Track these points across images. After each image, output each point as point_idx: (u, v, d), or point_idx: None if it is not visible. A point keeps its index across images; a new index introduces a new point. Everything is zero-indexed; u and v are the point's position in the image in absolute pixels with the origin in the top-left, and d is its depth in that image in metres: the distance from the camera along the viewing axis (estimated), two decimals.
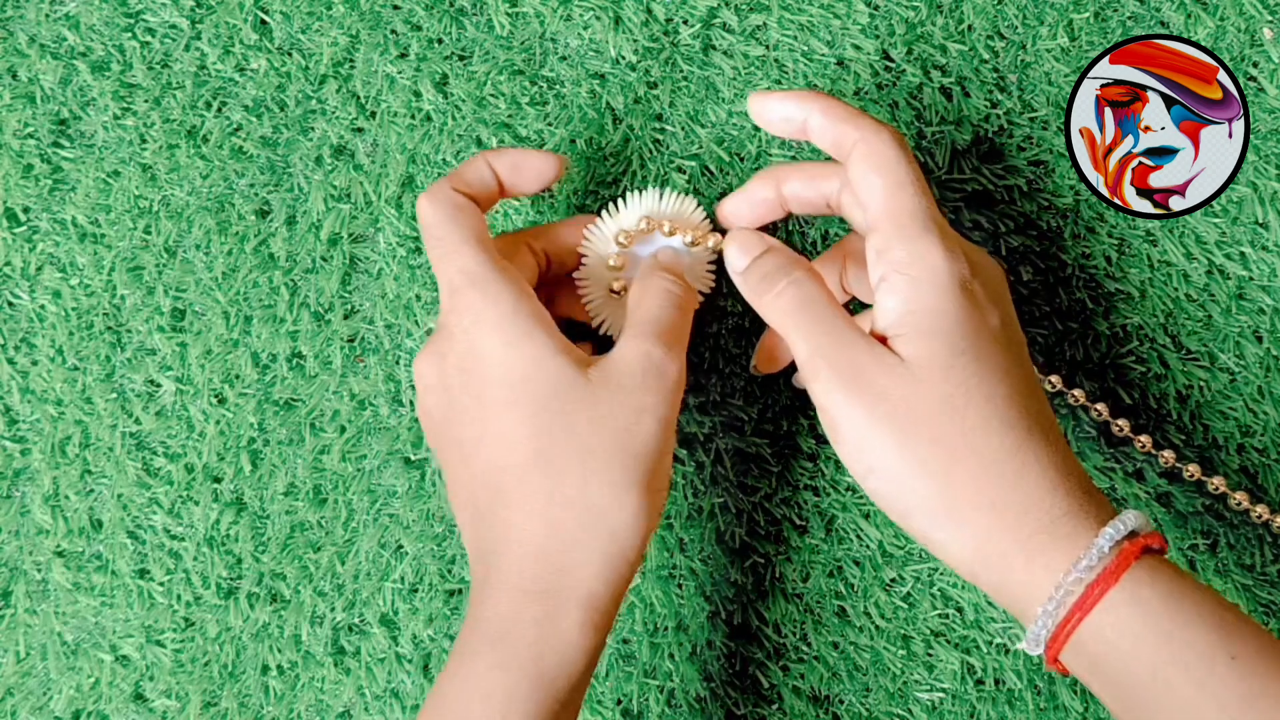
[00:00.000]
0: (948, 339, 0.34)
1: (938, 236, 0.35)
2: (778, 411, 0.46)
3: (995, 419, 0.34)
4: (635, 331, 0.38)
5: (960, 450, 0.33)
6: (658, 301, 0.39)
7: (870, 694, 0.46)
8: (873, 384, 0.34)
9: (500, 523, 0.36)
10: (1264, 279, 0.45)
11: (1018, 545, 0.33)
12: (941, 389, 0.34)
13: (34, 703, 0.49)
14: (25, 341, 0.50)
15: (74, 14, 0.50)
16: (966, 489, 0.33)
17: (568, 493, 0.36)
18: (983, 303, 0.35)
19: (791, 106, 0.38)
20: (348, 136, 0.48)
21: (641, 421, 0.36)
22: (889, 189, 0.36)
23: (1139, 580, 0.32)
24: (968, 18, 0.46)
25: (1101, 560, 0.32)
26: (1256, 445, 0.45)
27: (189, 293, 0.49)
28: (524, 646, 0.35)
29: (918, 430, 0.34)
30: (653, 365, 0.37)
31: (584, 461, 0.36)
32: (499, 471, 0.37)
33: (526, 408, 0.36)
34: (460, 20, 0.48)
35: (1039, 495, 0.33)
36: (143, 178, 0.49)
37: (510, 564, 0.36)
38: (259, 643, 0.48)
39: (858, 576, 0.46)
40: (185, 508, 0.48)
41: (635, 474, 0.36)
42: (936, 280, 0.35)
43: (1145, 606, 0.32)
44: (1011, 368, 0.35)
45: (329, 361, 0.48)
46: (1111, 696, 0.33)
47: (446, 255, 0.38)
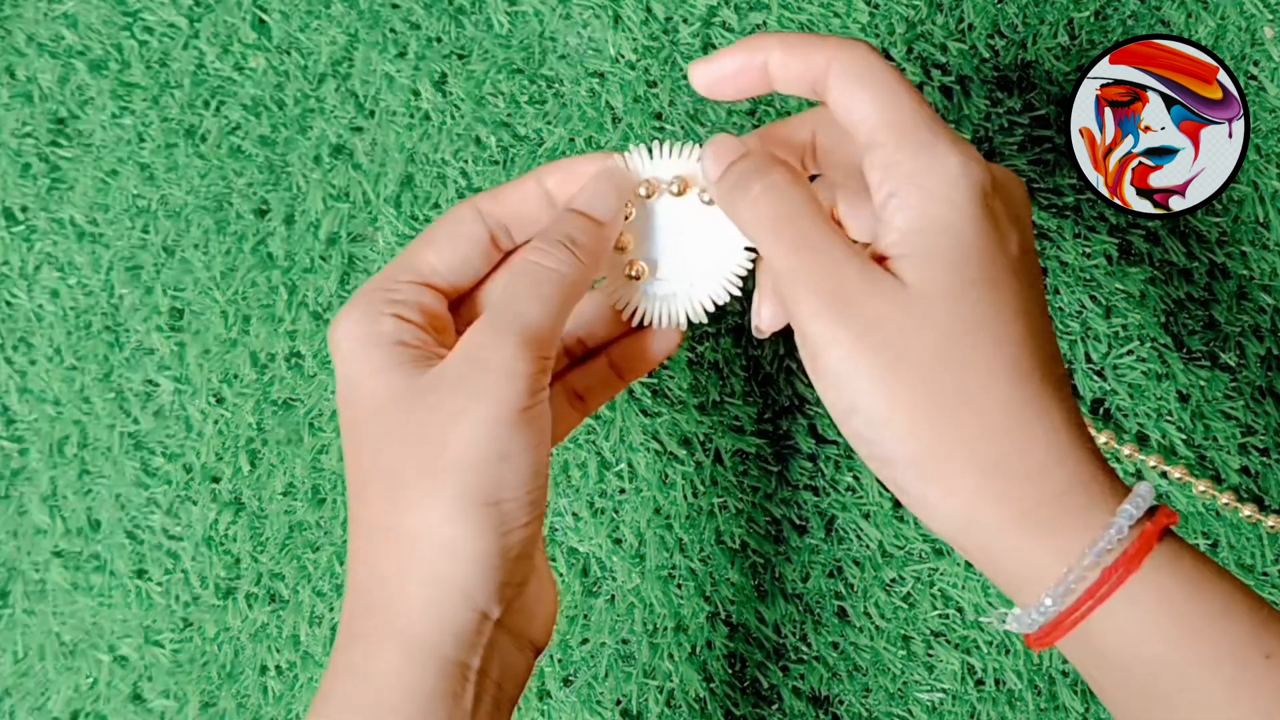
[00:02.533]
0: (959, 264, 0.29)
1: (950, 142, 0.30)
2: (777, 411, 0.46)
3: (1004, 366, 0.29)
4: (479, 320, 0.32)
5: (958, 398, 0.29)
6: (515, 279, 0.33)
7: (870, 694, 0.45)
8: (863, 310, 0.29)
9: (348, 563, 0.34)
10: (1264, 278, 0.45)
11: (1016, 517, 0.29)
12: (945, 323, 0.29)
13: (32, 703, 0.48)
14: (23, 341, 0.50)
15: (72, 12, 0.50)
16: (961, 444, 0.29)
17: (380, 522, 0.32)
18: (1003, 224, 0.30)
19: (742, 55, 0.32)
20: (346, 135, 0.48)
21: (457, 427, 0.31)
22: (880, 99, 0.30)
23: (1160, 566, 0.28)
24: (968, 17, 0.46)
25: (1121, 542, 0.28)
26: (1257, 445, 0.45)
27: (187, 292, 0.49)
28: (338, 696, 0.32)
29: (912, 369, 0.29)
30: (474, 358, 0.32)
31: (390, 485, 0.32)
32: (348, 505, 0.34)
33: (350, 434, 0.33)
34: (459, 19, 0.48)
35: (1047, 461, 0.29)
36: (141, 177, 0.49)
37: (346, 608, 0.33)
38: (257, 643, 0.48)
39: (858, 576, 0.46)
40: (183, 507, 0.48)
41: (451, 489, 0.31)
42: (953, 192, 0.29)
43: (1168, 598, 0.28)
44: (1029, 307, 0.30)
45: (328, 361, 0.48)
46: (1117, 689, 0.29)
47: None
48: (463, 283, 0.35)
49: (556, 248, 0.33)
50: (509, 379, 0.31)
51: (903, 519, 0.46)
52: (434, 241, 0.35)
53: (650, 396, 0.46)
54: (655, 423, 0.46)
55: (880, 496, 0.45)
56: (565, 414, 0.38)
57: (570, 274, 0.33)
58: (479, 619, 0.31)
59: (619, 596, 0.46)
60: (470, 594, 0.31)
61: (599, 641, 0.46)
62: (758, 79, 0.32)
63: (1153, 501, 0.29)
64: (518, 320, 0.32)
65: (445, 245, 0.35)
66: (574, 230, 0.34)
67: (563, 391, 0.38)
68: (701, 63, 0.33)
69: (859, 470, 0.46)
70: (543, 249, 0.33)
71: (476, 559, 0.31)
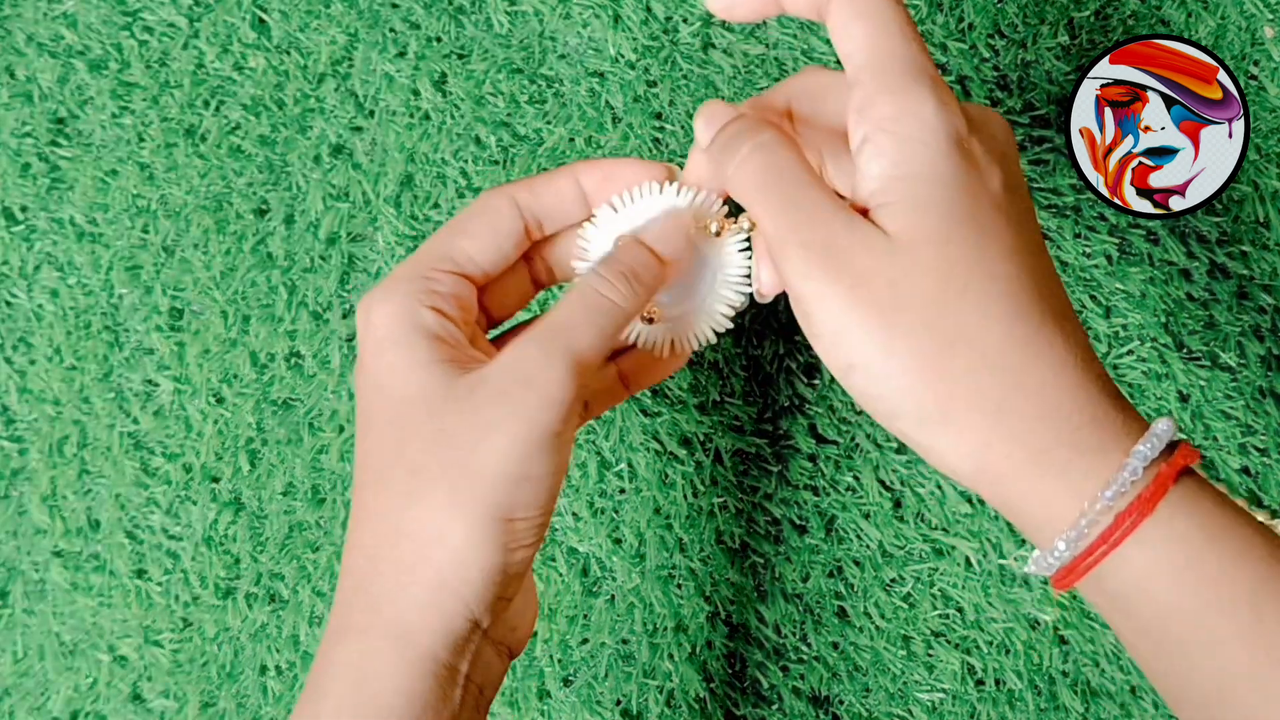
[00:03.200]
0: (942, 208, 0.29)
1: (929, 88, 0.29)
2: (778, 411, 0.46)
3: (1000, 303, 0.28)
4: (529, 334, 0.32)
5: (957, 340, 0.28)
6: (574, 303, 0.33)
7: (870, 694, 0.45)
8: (851, 264, 0.29)
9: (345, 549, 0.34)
10: (1264, 278, 0.45)
11: (1030, 458, 0.28)
12: (933, 268, 0.28)
13: (31, 703, 0.48)
14: (23, 341, 0.49)
15: (72, 12, 0.50)
16: (965, 387, 0.28)
17: (391, 516, 0.32)
18: (982, 164, 0.29)
19: None
20: (346, 135, 0.48)
21: (490, 438, 0.31)
22: (871, 35, 0.30)
23: (1176, 509, 0.27)
24: (968, 16, 0.46)
25: (1135, 484, 0.28)
26: (1258, 445, 0.45)
27: (187, 292, 0.49)
28: (332, 695, 0.31)
29: (906, 317, 0.28)
30: (520, 373, 0.31)
31: (409, 481, 0.31)
32: (354, 491, 0.34)
33: (373, 420, 0.33)
34: (459, 19, 0.48)
35: (1056, 398, 0.28)
36: (140, 176, 0.49)
37: (339, 596, 0.33)
38: (257, 643, 0.48)
39: (858, 576, 0.46)
40: (183, 507, 0.48)
41: (471, 497, 0.31)
42: (929, 138, 0.29)
43: (1183, 542, 0.27)
44: (1019, 243, 0.29)
45: (327, 361, 0.48)
46: (1134, 633, 0.29)
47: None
48: (494, 272, 0.35)
49: (621, 281, 0.33)
50: (551, 402, 0.31)
51: (903, 519, 0.46)
52: (471, 232, 0.35)
53: (650, 396, 0.46)
54: (655, 423, 0.46)
55: (880, 496, 0.45)
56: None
57: (626, 308, 0.33)
58: (471, 627, 0.31)
59: (619, 596, 0.46)
60: (469, 604, 0.31)
61: (599, 641, 0.46)
62: (768, 2, 0.32)
63: (1172, 437, 0.28)
64: (572, 345, 0.32)
65: (481, 235, 0.35)
66: (640, 266, 0.34)
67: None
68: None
69: (859, 470, 0.46)
70: (609, 280, 0.33)
71: (482, 572, 0.31)
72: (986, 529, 0.45)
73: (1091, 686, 0.45)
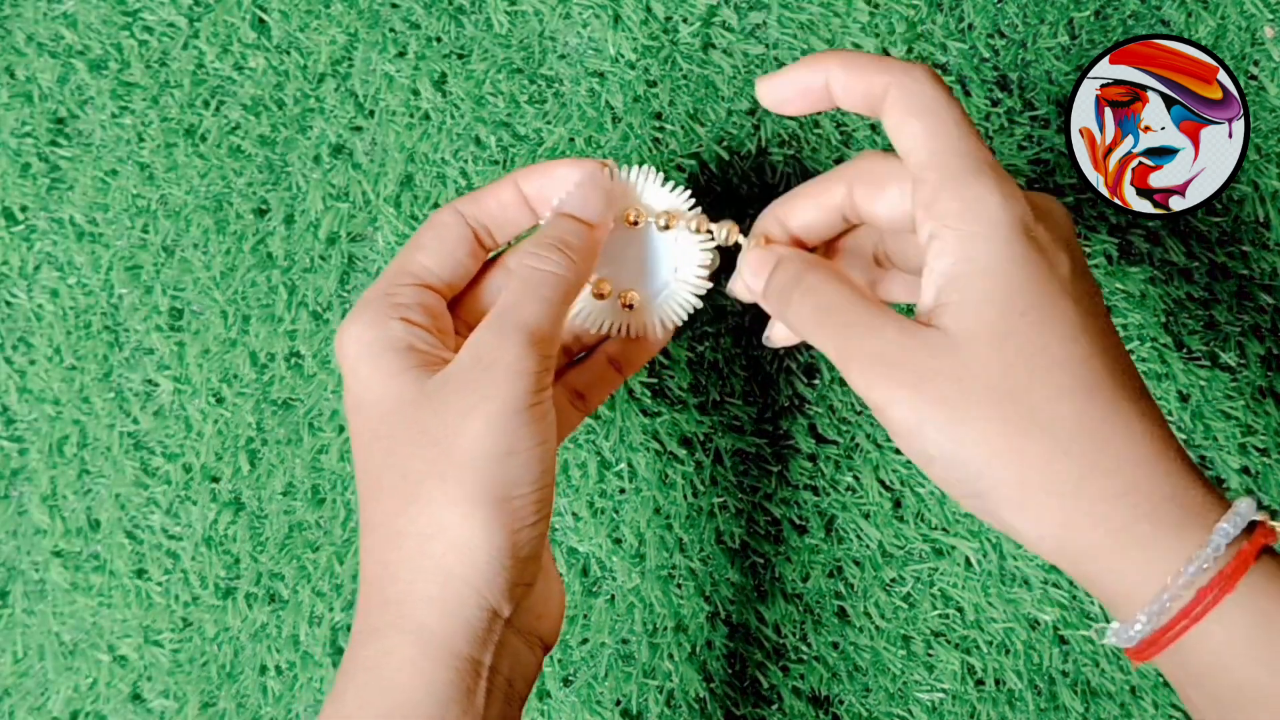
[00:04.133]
0: (1006, 301, 0.30)
1: (992, 179, 0.31)
2: (777, 411, 0.46)
3: (1071, 387, 0.29)
4: (483, 323, 0.34)
5: (1030, 427, 0.29)
6: (515, 284, 0.35)
7: (870, 694, 0.45)
8: (912, 365, 0.30)
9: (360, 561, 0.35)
10: (1264, 278, 0.45)
11: (1109, 536, 0.29)
12: (999, 359, 0.29)
13: (31, 703, 0.48)
14: (23, 341, 0.49)
15: (72, 12, 0.50)
16: (1040, 472, 0.29)
17: (392, 522, 0.33)
18: (1049, 249, 0.30)
19: (804, 74, 0.33)
20: (346, 135, 0.48)
21: (465, 425, 0.32)
22: (930, 131, 0.31)
23: (1255, 587, 0.28)
24: (968, 16, 0.46)
25: (1217, 561, 0.28)
26: (1258, 445, 0.45)
27: (187, 292, 0.49)
28: (352, 692, 0.32)
29: (975, 410, 0.29)
30: (479, 358, 0.33)
31: (401, 486, 0.33)
32: (359, 508, 0.35)
33: (360, 438, 0.34)
34: (459, 19, 0.48)
35: (1134, 475, 0.29)
36: (140, 176, 0.49)
37: (359, 605, 0.34)
38: (257, 643, 0.48)
39: (858, 576, 0.46)
40: (183, 507, 0.48)
41: (460, 484, 0.32)
42: (994, 231, 0.30)
43: (1263, 619, 0.28)
44: (1088, 324, 0.30)
45: (327, 361, 0.48)
46: (1207, 705, 0.29)
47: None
48: (456, 280, 0.37)
49: (550, 250, 0.35)
50: (515, 376, 0.32)
51: (903, 519, 0.46)
52: (422, 245, 0.37)
53: (650, 396, 0.46)
54: (655, 423, 0.46)
55: (880, 496, 0.45)
56: (567, 413, 0.40)
57: (565, 274, 0.35)
58: (490, 616, 0.32)
59: (619, 596, 0.46)
60: (481, 591, 0.32)
61: (599, 641, 0.46)
62: (821, 97, 0.33)
63: (1253, 516, 0.29)
64: (520, 321, 0.33)
65: (433, 247, 0.36)
66: (565, 233, 0.36)
67: (563, 391, 0.40)
68: (768, 81, 0.34)
69: (859, 470, 0.46)
70: (538, 253, 0.35)
71: (488, 556, 0.32)
72: (986, 529, 0.45)
73: (1091, 686, 0.45)
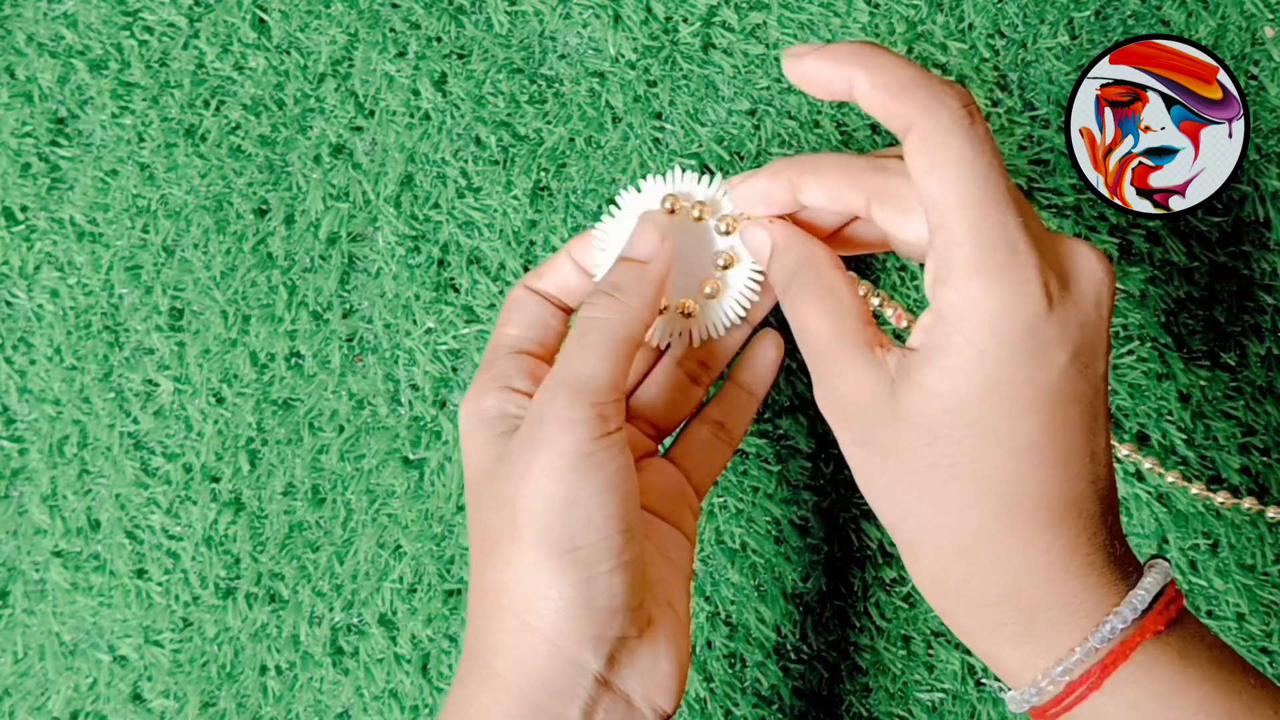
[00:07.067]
0: (964, 401, 0.29)
1: (1001, 275, 0.29)
2: (777, 411, 0.46)
3: (983, 499, 0.30)
4: (541, 384, 0.35)
5: (934, 522, 0.31)
6: (568, 338, 0.36)
7: (870, 694, 0.45)
8: (860, 423, 0.32)
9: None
10: (1265, 278, 0.45)
11: (986, 633, 0.31)
12: (930, 454, 0.30)
13: (31, 703, 0.48)
14: (23, 341, 0.49)
15: (72, 12, 0.50)
16: (932, 563, 0.31)
17: (478, 581, 0.34)
18: (1046, 350, 0.29)
19: (828, 69, 0.31)
20: (346, 135, 0.48)
21: (525, 482, 0.33)
22: (947, 202, 0.29)
23: (1129, 679, 0.29)
24: (968, 16, 0.46)
25: (1095, 653, 0.29)
26: (1258, 445, 0.45)
27: (187, 292, 0.49)
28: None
29: (896, 486, 0.31)
30: (535, 416, 0.33)
31: (483, 546, 0.34)
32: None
33: (468, 503, 0.36)
34: (459, 18, 0.48)
35: (1018, 585, 0.30)
36: (141, 176, 0.49)
37: (461, 661, 0.36)
38: (257, 643, 0.48)
39: (858, 576, 0.46)
40: (183, 507, 0.48)
41: (526, 536, 0.32)
42: (983, 333, 0.29)
43: (1135, 709, 0.29)
44: (1040, 437, 0.29)
45: (327, 361, 0.48)
46: None
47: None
48: (549, 341, 0.38)
49: (600, 297, 0.35)
50: (564, 428, 0.32)
51: None
52: (506, 320, 0.38)
53: None
54: None
55: None
56: (712, 446, 0.40)
57: (615, 318, 0.34)
58: (569, 667, 0.32)
59: None
60: (552, 640, 0.32)
61: None
62: (843, 92, 0.32)
63: (1139, 610, 0.30)
64: (566, 374, 0.34)
65: (515, 318, 0.38)
66: (617, 276, 0.35)
67: (703, 424, 0.40)
68: (796, 59, 0.32)
69: None
70: (589, 302, 0.35)
71: (555, 606, 0.32)
72: None
73: None
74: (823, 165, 0.34)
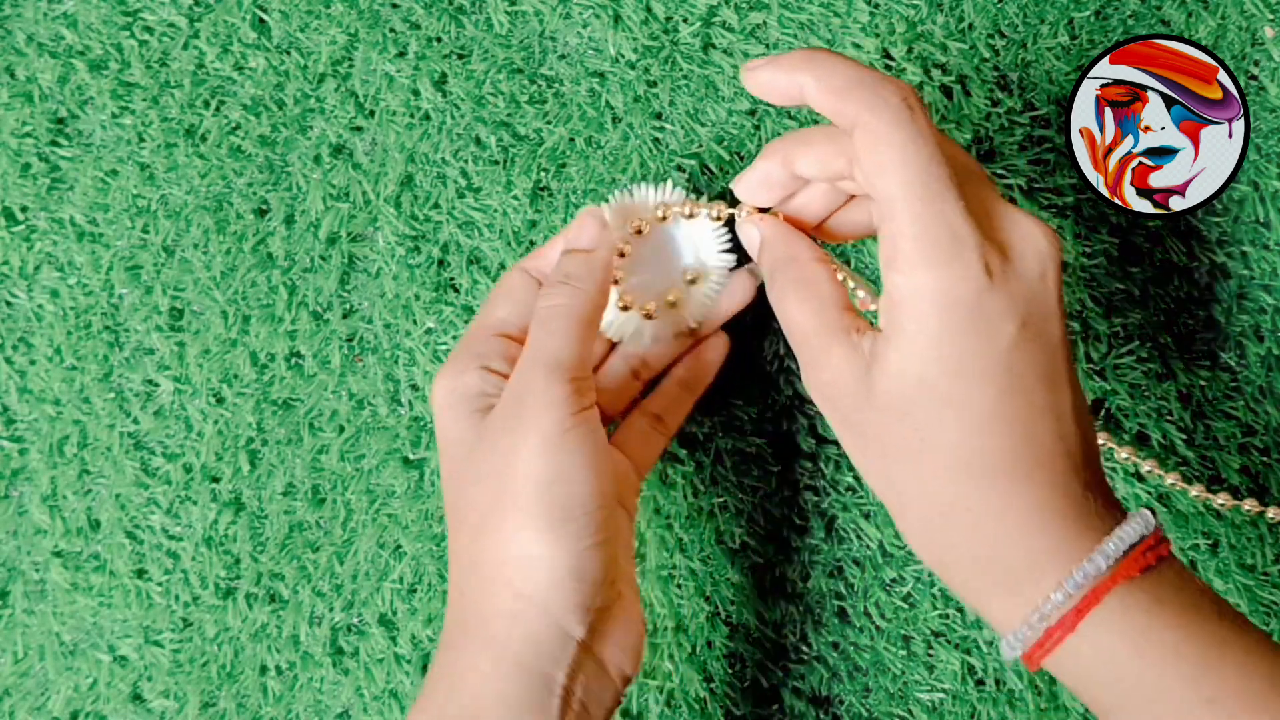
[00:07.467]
0: (923, 378, 0.31)
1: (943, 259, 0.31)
2: (778, 411, 0.46)
3: (953, 468, 0.32)
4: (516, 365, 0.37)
5: (914, 496, 0.33)
6: (533, 324, 0.38)
7: (870, 694, 0.45)
8: (841, 405, 0.34)
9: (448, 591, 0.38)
10: (1265, 278, 0.45)
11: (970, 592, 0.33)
12: (900, 429, 0.32)
13: (31, 703, 0.48)
14: (23, 341, 0.49)
15: (72, 12, 0.50)
16: (927, 534, 0.33)
17: (468, 555, 0.36)
18: (994, 321, 0.31)
19: (781, 78, 0.34)
20: (346, 135, 0.48)
21: (514, 459, 0.35)
22: (891, 194, 0.31)
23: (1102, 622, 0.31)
24: (968, 16, 0.46)
25: (1060, 607, 0.31)
26: (1258, 445, 0.45)
27: (187, 292, 0.49)
28: (432, 698, 0.35)
29: (876, 461, 0.33)
30: (512, 396, 0.36)
31: (470, 521, 0.36)
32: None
33: (444, 480, 0.38)
34: (459, 19, 0.48)
35: (1000, 544, 0.32)
36: (141, 177, 0.49)
37: (444, 629, 0.37)
38: (257, 643, 0.48)
39: (858, 576, 0.46)
40: (183, 508, 0.48)
41: (521, 515, 0.34)
42: (930, 315, 0.31)
43: (1109, 651, 0.31)
44: (1001, 405, 0.31)
45: (327, 361, 0.48)
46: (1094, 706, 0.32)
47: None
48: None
49: (555, 286, 0.38)
50: (546, 406, 0.35)
51: None
52: (494, 301, 0.40)
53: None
54: None
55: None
56: (649, 437, 0.43)
57: (572, 303, 0.37)
58: (559, 635, 0.35)
59: None
60: (547, 608, 0.34)
61: None
62: (797, 95, 0.34)
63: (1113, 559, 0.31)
64: (540, 355, 0.36)
65: (504, 301, 0.40)
66: (567, 265, 0.39)
67: (642, 416, 0.43)
68: (752, 71, 0.35)
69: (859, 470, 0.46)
70: (546, 291, 0.38)
71: (551, 577, 0.34)
72: None
73: None
74: (812, 137, 0.36)
